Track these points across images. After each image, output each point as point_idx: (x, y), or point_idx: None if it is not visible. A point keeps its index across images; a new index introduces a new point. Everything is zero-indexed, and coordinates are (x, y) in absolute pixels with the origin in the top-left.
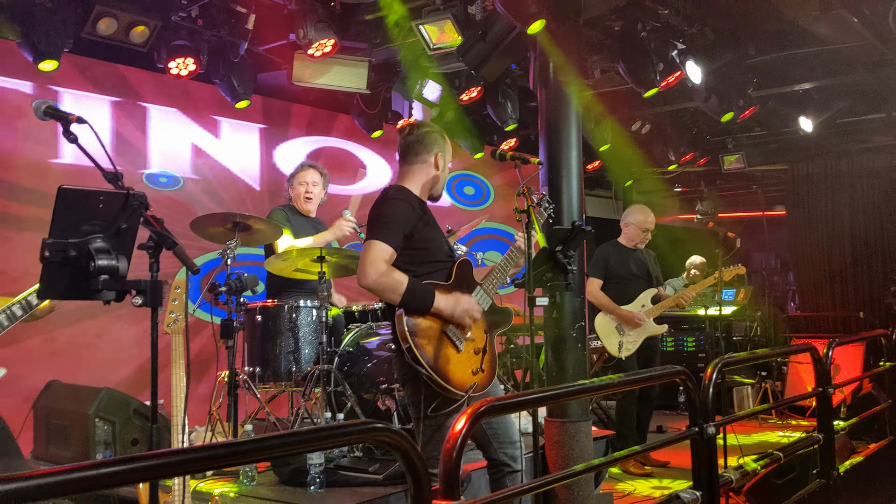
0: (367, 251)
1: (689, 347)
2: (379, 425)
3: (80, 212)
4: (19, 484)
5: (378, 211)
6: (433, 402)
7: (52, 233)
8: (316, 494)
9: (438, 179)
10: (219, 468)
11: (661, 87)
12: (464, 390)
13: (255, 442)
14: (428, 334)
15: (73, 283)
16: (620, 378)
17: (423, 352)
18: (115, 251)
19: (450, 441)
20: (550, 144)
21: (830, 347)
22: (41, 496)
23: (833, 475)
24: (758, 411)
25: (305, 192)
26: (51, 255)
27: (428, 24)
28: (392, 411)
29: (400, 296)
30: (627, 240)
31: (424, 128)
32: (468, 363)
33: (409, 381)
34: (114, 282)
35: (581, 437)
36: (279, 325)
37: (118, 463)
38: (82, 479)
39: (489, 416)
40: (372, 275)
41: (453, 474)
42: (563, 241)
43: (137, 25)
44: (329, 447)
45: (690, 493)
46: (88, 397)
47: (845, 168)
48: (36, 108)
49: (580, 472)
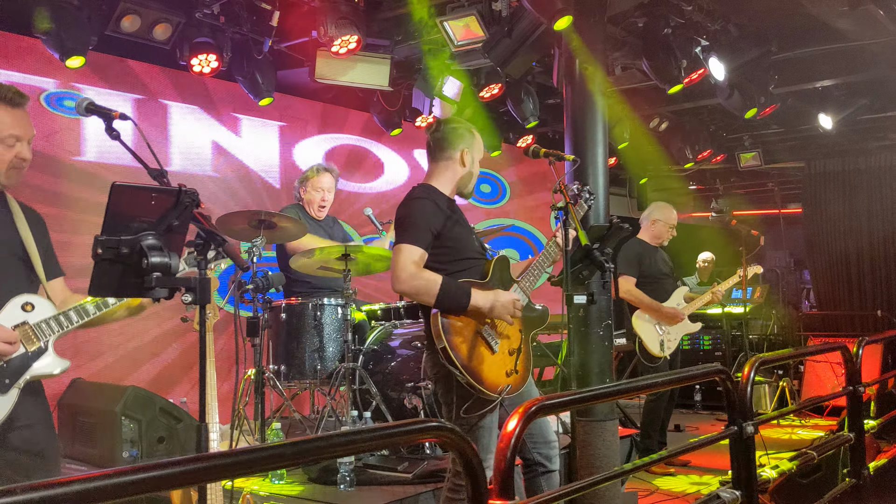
0: (397, 256)
1: (706, 346)
2: (443, 424)
3: (132, 208)
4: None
5: (403, 213)
6: (466, 402)
7: (105, 230)
8: (346, 493)
9: (468, 176)
10: (286, 467)
11: (685, 83)
12: (496, 392)
13: (321, 440)
14: (463, 334)
15: (125, 281)
16: (665, 377)
17: (457, 352)
18: (166, 248)
19: (503, 441)
20: (576, 142)
21: (860, 346)
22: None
23: (864, 475)
24: (792, 410)
25: (321, 201)
26: (103, 252)
27: (452, 20)
28: (419, 409)
29: (434, 297)
30: (653, 237)
31: (451, 124)
32: (502, 364)
33: (441, 379)
34: (166, 279)
35: (608, 436)
36: (304, 323)
37: (191, 462)
38: (171, 476)
39: (540, 415)
40: (404, 279)
41: (507, 474)
42: (600, 238)
43: (161, 23)
44: (394, 445)
45: (730, 493)
46: (115, 395)
47: (863, 166)
48: (78, 105)
49: (629, 469)
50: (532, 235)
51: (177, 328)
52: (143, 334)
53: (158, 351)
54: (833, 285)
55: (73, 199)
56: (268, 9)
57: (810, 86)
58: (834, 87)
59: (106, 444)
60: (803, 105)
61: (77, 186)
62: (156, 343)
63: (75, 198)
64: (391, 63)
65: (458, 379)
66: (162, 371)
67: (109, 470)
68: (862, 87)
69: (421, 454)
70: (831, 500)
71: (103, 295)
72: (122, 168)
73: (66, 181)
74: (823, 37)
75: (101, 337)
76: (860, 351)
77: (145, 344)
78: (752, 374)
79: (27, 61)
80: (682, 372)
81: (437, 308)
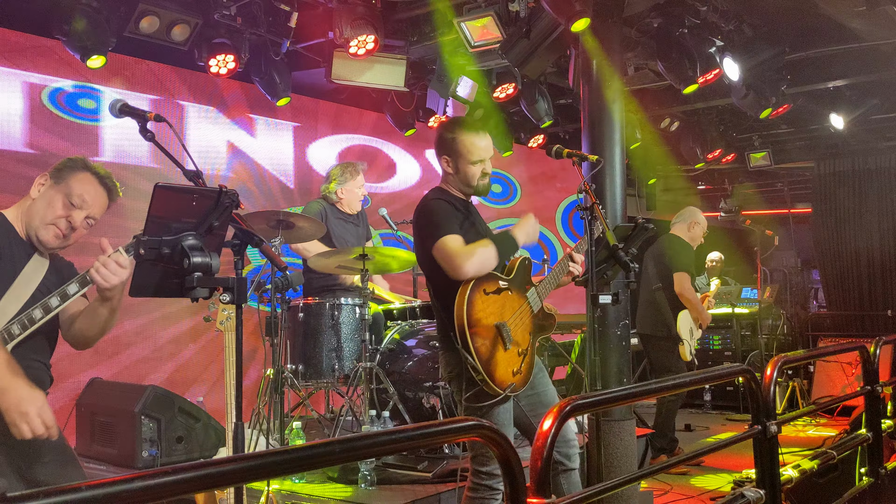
0: (441, 250)
1: (715, 346)
2: (482, 423)
3: (173, 210)
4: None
5: (423, 215)
6: (472, 390)
7: (147, 230)
8: (367, 492)
9: (465, 178)
10: (335, 464)
11: (700, 84)
12: (502, 388)
13: (367, 438)
14: (483, 324)
15: (165, 281)
16: (693, 376)
17: (474, 339)
18: (206, 248)
19: (539, 440)
20: (593, 142)
21: (878, 346)
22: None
23: (882, 474)
24: (814, 410)
25: (362, 195)
26: (146, 252)
27: (469, 21)
28: (437, 409)
29: (497, 257)
30: (691, 239)
31: (441, 128)
32: (511, 363)
33: (454, 378)
34: (206, 279)
35: (625, 435)
36: (321, 323)
37: (241, 460)
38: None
39: (575, 414)
40: (462, 264)
41: (544, 473)
42: (625, 238)
43: (178, 24)
44: (435, 444)
45: (754, 492)
46: (134, 395)
47: (873, 166)
48: (111, 106)
49: (657, 469)
50: (542, 235)
51: (192, 328)
52: (159, 335)
53: (175, 351)
54: (842, 285)
55: None
56: (286, 10)
57: (822, 86)
58: (846, 88)
59: (125, 443)
60: (814, 105)
61: None
62: (172, 343)
63: None
64: (406, 63)
65: (469, 367)
66: (177, 371)
67: (169, 467)
68: (873, 87)
69: (439, 453)
70: (850, 499)
71: (144, 295)
72: (136, 167)
73: None
74: (837, 37)
75: (119, 337)
76: (878, 351)
77: (161, 344)
78: (774, 374)
79: (45, 62)
80: (710, 371)
81: (500, 263)
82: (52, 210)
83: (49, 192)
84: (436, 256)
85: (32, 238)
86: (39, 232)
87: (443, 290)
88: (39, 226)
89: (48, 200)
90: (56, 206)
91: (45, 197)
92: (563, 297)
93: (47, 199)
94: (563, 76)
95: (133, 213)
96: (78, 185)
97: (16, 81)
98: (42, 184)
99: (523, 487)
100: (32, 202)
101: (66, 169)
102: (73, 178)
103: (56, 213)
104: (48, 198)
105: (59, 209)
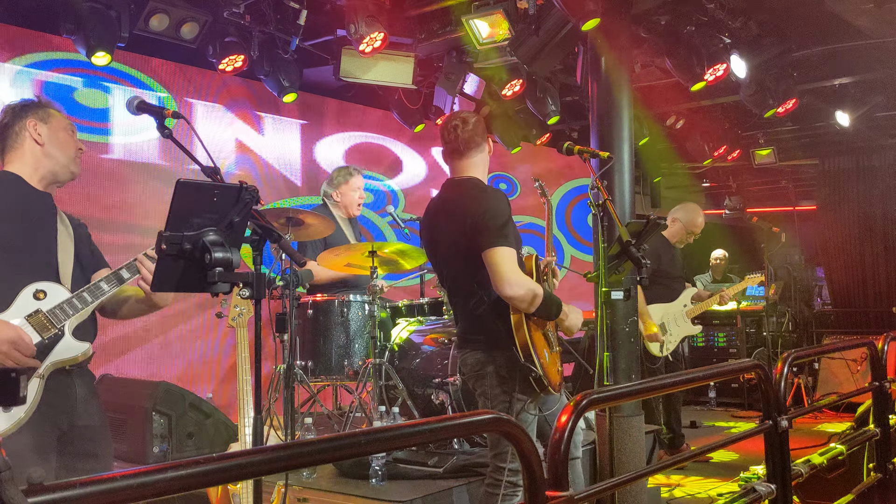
0: (499, 258)
1: (720, 343)
2: (502, 416)
3: (194, 205)
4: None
5: (487, 206)
6: (528, 396)
7: (169, 226)
8: (378, 487)
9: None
10: (361, 455)
11: (709, 81)
12: (556, 389)
13: (391, 430)
14: (536, 335)
15: (186, 276)
16: (704, 371)
17: (536, 349)
18: (227, 244)
19: (557, 433)
20: (602, 139)
21: (887, 342)
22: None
23: (890, 469)
24: (824, 405)
25: (359, 198)
26: (168, 247)
27: (478, 18)
28: (446, 405)
29: (535, 306)
30: (671, 235)
31: (472, 117)
32: (555, 363)
33: (488, 375)
34: (228, 274)
35: (634, 431)
36: (331, 320)
37: (265, 451)
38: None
39: (591, 408)
40: (516, 282)
41: (562, 466)
42: (637, 234)
43: (188, 21)
44: (456, 436)
45: (766, 486)
46: (145, 391)
47: (877, 163)
48: (129, 104)
49: (670, 463)
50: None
51: (203, 324)
52: (170, 331)
53: (185, 347)
54: (847, 282)
55: (99, 197)
56: (295, 7)
57: (828, 83)
58: (851, 85)
59: (136, 439)
60: (819, 102)
61: (105, 183)
62: (182, 339)
63: (96, 195)
64: (415, 61)
65: (532, 376)
66: (187, 367)
67: (202, 457)
68: (877, 85)
69: (449, 449)
70: (858, 493)
71: (165, 290)
72: (144, 164)
73: (95, 176)
74: (843, 34)
75: (128, 333)
76: (886, 347)
77: (171, 340)
78: (785, 369)
79: (54, 59)
80: (721, 366)
81: (534, 314)
82: (69, 144)
83: (51, 132)
84: (489, 259)
85: (60, 178)
86: (71, 166)
87: (486, 284)
88: (69, 162)
89: (59, 138)
90: (67, 138)
91: (54, 136)
92: (569, 294)
93: (57, 137)
94: (570, 74)
95: (142, 209)
96: (62, 117)
97: (24, 76)
98: (36, 129)
99: (542, 480)
100: (42, 147)
101: (41, 109)
102: (52, 115)
103: (75, 144)
104: (56, 136)
105: (72, 140)
